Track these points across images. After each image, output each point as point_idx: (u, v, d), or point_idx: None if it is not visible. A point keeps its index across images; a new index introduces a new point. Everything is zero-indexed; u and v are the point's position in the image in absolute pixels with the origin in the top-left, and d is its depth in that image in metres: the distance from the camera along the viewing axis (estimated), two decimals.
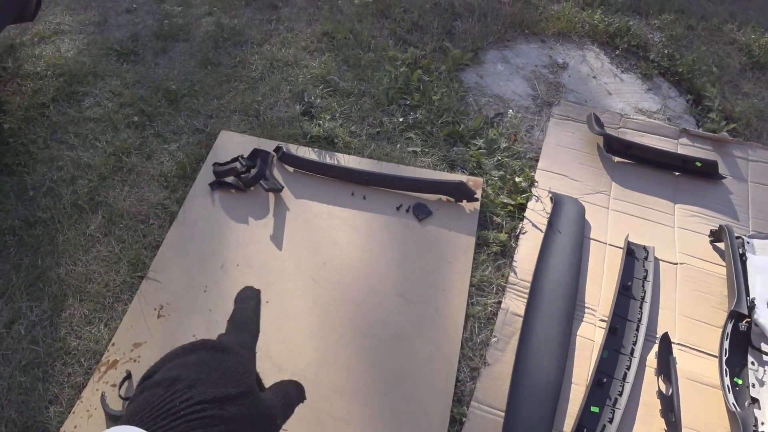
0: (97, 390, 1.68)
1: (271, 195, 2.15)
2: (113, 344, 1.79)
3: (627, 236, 2.03)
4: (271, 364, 1.75)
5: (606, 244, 2.05)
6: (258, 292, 0.68)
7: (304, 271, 1.96)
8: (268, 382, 1.67)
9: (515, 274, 1.96)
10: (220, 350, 0.56)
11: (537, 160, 2.32)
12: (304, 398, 0.65)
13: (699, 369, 1.76)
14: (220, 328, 1.77)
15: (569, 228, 2.04)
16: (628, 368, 1.74)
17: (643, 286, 1.92)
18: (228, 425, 0.49)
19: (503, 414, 1.65)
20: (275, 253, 2.00)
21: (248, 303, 0.65)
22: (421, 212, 2.09)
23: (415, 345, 1.80)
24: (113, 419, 1.61)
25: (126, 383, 1.70)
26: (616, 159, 2.33)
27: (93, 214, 2.16)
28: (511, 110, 2.53)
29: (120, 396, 1.65)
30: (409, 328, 1.83)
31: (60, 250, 2.05)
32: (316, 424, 1.64)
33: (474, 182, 2.17)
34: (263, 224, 2.08)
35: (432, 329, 1.83)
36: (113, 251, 2.04)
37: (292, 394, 0.61)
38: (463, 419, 1.66)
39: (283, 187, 2.15)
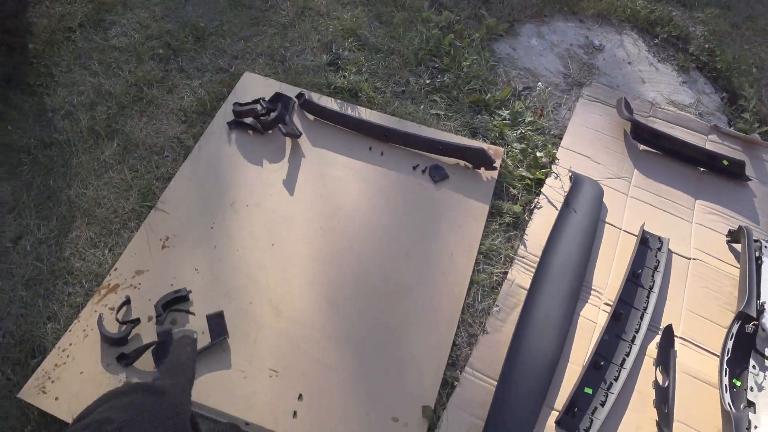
0: (95, 312, 1.68)
1: (288, 140, 2.12)
2: (116, 269, 1.79)
3: (643, 225, 1.98)
4: (270, 306, 1.74)
5: (621, 229, 2.01)
6: (194, 339, 0.66)
7: (313, 218, 1.94)
8: (265, 324, 1.68)
9: (525, 247, 1.93)
10: (154, 393, 0.54)
11: (561, 138, 2.27)
12: None
13: (698, 365, 1.73)
14: (223, 266, 1.78)
15: (585, 209, 2.00)
16: (627, 355, 1.72)
17: (652, 276, 1.88)
18: None
19: (495, 383, 1.64)
20: (286, 198, 1.98)
21: (184, 349, 0.64)
22: (438, 174, 2.06)
23: (415, 304, 1.78)
24: (108, 341, 1.61)
25: (124, 308, 1.70)
26: (642, 147, 2.27)
27: (109, 141, 2.15)
28: (540, 84, 2.47)
29: (117, 319, 1.65)
30: (412, 287, 1.82)
31: (72, 172, 2.05)
32: (305, 369, 1.64)
33: (495, 151, 2.13)
34: (277, 168, 2.06)
35: (435, 291, 1.81)
36: (125, 179, 2.03)
37: None
38: (455, 383, 1.65)
39: (301, 134, 2.12)
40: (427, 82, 2.41)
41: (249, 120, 2.16)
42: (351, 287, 1.81)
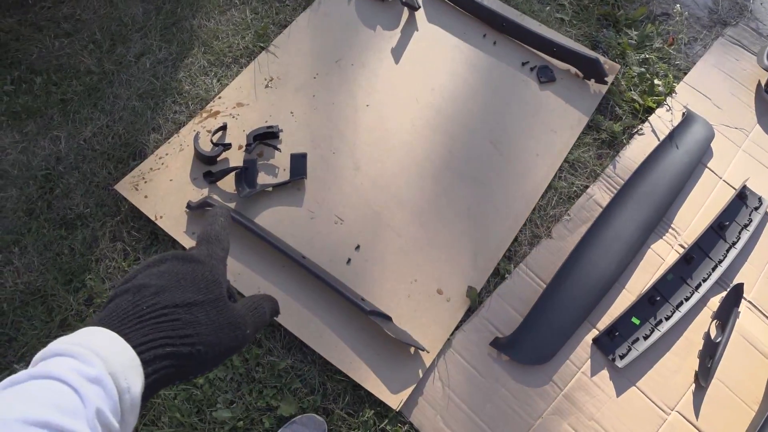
0: (194, 131, 1.76)
1: (405, 10, 2.04)
2: (220, 97, 1.84)
3: (746, 180, 1.80)
4: (351, 161, 1.75)
5: (720, 178, 1.83)
6: (228, 210, 0.65)
7: (411, 89, 1.90)
8: (342, 175, 1.70)
9: (614, 168, 1.81)
10: (190, 261, 0.54)
11: (686, 73, 2.04)
12: (278, 312, 0.63)
13: (758, 333, 1.61)
14: (316, 115, 1.79)
15: (689, 147, 1.82)
16: (687, 299, 1.62)
17: (739, 233, 1.72)
18: (195, 328, 0.48)
19: (545, 286, 1.60)
20: (390, 65, 1.93)
21: (217, 219, 0.62)
22: (545, 75, 1.93)
23: (489, 192, 1.74)
24: (200, 158, 1.69)
25: (220, 132, 1.76)
26: None
27: None
28: (678, 6, 2.20)
29: (211, 141, 1.71)
30: (491, 175, 1.77)
31: (199, 5, 2.07)
32: (369, 225, 1.67)
33: (610, 66, 1.95)
34: (389, 36, 2.00)
35: (511, 184, 1.76)
36: (245, 19, 2.04)
37: (264, 307, 0.58)
38: (506, 275, 1.62)
39: (419, 7, 2.02)
40: None
41: None
42: (432, 161, 1.78)
